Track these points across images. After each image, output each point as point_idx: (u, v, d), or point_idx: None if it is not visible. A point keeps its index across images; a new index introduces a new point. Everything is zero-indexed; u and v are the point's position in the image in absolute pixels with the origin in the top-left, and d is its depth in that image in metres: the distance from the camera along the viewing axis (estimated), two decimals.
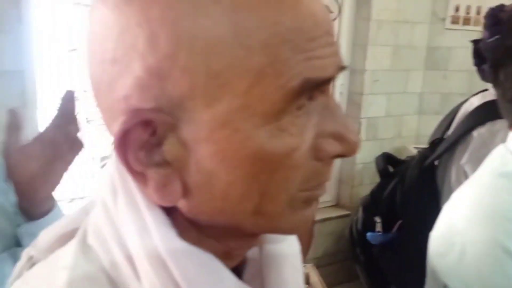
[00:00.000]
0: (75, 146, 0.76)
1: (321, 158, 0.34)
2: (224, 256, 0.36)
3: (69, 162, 0.77)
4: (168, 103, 0.31)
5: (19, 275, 0.42)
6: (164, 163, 0.32)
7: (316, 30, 0.31)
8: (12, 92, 1.70)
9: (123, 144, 0.32)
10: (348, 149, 0.34)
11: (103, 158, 2.62)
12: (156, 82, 0.30)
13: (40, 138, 0.74)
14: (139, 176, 0.33)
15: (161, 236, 0.33)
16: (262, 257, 0.41)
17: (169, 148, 0.32)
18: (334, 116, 0.34)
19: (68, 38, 2.01)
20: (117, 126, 0.31)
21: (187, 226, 0.35)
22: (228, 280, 0.35)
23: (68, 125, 0.74)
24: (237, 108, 0.30)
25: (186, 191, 0.33)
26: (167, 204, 0.33)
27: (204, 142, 0.31)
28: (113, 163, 0.37)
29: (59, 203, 0.82)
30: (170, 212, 0.34)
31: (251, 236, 0.38)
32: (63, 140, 0.74)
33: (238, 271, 0.40)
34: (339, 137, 0.34)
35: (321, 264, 2.38)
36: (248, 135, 0.31)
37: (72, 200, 2.28)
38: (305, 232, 0.38)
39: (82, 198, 2.29)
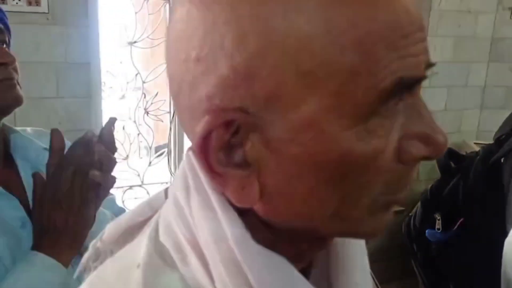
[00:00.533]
0: (110, 182, 0.76)
1: (405, 160, 0.32)
2: (294, 258, 0.35)
3: (100, 200, 0.76)
4: (253, 103, 0.30)
5: (86, 266, 0.44)
6: (244, 164, 0.32)
7: (411, 26, 0.30)
8: (79, 83, 1.78)
9: (205, 144, 0.31)
10: (435, 151, 0.32)
11: (158, 148, 2.70)
12: (242, 81, 0.29)
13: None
14: (218, 177, 0.32)
15: (236, 238, 0.32)
16: (330, 259, 0.40)
17: (251, 149, 0.31)
18: (421, 116, 0.32)
19: (129, 31, 2.07)
20: (200, 126, 0.31)
21: (261, 227, 0.34)
22: (302, 285, 0.34)
23: (108, 164, 0.75)
24: (325, 109, 0.29)
25: (264, 193, 0.32)
26: (244, 206, 0.33)
27: (288, 143, 0.30)
28: (187, 161, 0.36)
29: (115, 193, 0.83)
30: (244, 213, 0.33)
31: (325, 239, 0.38)
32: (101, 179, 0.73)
33: (304, 272, 0.39)
34: (425, 139, 0.32)
35: (372, 260, 2.33)
36: (335, 137, 0.30)
37: (130, 187, 2.37)
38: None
39: (140, 185, 2.37)
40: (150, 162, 2.36)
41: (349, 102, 0.29)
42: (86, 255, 0.44)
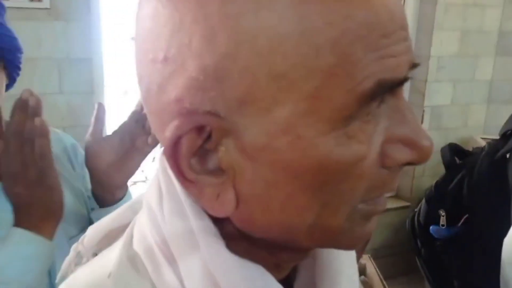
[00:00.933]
0: (152, 139, 0.78)
1: (389, 165, 0.31)
2: (274, 268, 0.34)
3: (145, 154, 0.80)
4: (224, 106, 0.28)
5: (68, 269, 0.43)
6: (218, 171, 0.30)
7: (391, 25, 0.28)
8: (81, 79, 1.78)
9: (175, 150, 0.29)
10: (420, 156, 0.31)
11: None
12: (212, 83, 0.28)
13: (120, 130, 0.78)
14: (191, 185, 0.30)
15: (209, 249, 0.31)
16: (316, 268, 0.39)
17: (224, 155, 0.30)
18: (405, 119, 0.31)
19: (131, 26, 2.07)
20: (169, 131, 0.29)
21: (237, 236, 0.33)
22: None
23: (146, 118, 0.76)
24: (301, 113, 0.27)
25: (239, 202, 0.31)
26: (219, 215, 0.31)
27: (263, 150, 0.29)
28: (160, 167, 0.35)
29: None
30: (219, 220, 0.32)
31: (305, 249, 0.36)
32: (141, 133, 0.77)
33: (288, 281, 0.38)
34: (409, 143, 0.30)
35: (378, 256, 2.33)
36: (312, 142, 0.28)
37: (134, 183, 2.38)
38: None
39: (144, 181, 2.38)
40: (153, 158, 2.37)
41: (327, 105, 0.27)
42: (67, 259, 0.43)
